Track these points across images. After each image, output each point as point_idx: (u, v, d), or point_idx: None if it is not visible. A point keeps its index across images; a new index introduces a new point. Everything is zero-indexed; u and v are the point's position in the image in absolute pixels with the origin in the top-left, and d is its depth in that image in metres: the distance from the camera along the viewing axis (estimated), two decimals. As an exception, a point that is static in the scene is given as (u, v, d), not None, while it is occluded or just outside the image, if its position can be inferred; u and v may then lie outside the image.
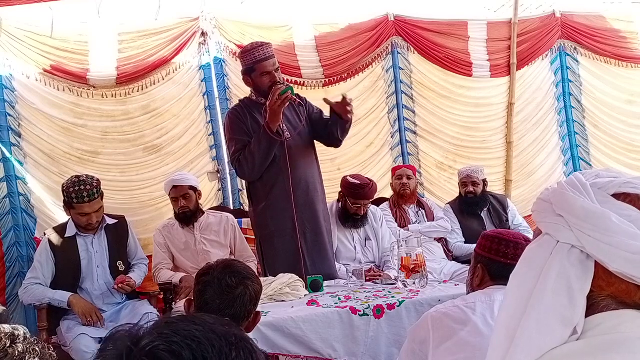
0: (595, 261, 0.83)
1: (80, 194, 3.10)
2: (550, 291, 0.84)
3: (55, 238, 3.26)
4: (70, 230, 3.27)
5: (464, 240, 4.28)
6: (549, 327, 0.82)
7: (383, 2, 5.05)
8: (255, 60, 3.18)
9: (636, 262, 0.79)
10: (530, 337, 0.83)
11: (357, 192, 3.60)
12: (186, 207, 3.61)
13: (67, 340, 3.02)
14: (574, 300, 0.82)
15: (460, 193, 4.41)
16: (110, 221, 3.38)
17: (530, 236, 1.12)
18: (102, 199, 3.24)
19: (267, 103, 3.05)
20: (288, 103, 3.08)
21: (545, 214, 0.91)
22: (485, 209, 4.35)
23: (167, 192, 3.69)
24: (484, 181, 4.38)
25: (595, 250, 0.82)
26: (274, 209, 3.18)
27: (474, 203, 4.31)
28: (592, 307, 0.84)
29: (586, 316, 0.83)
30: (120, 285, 3.18)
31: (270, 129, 3.06)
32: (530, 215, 4.70)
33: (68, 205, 3.20)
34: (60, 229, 3.31)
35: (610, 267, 0.82)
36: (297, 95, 3.24)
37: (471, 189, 4.30)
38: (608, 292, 0.84)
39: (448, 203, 4.51)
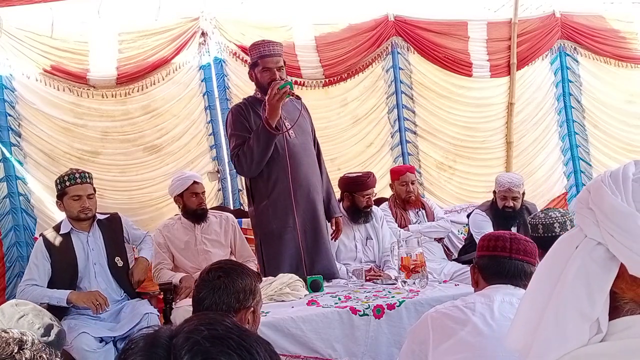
0: (622, 262, 0.79)
1: (72, 175, 3.21)
2: (569, 284, 0.81)
3: (50, 238, 3.23)
4: (65, 227, 3.24)
5: None
6: (565, 320, 0.80)
7: (383, 2, 5.05)
8: (259, 55, 3.21)
9: None
10: (547, 329, 0.81)
11: (363, 182, 3.67)
12: (204, 203, 3.73)
13: (68, 340, 3.01)
14: (592, 297, 0.79)
15: (495, 203, 4.07)
16: (101, 216, 3.37)
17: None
18: (94, 190, 3.29)
19: (266, 98, 3.07)
20: (287, 98, 3.09)
21: (581, 205, 0.85)
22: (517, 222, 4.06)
23: (181, 189, 3.66)
24: (523, 193, 4.06)
25: (616, 251, 0.78)
26: (276, 206, 3.17)
27: (510, 217, 4.00)
28: (616, 309, 0.80)
29: (610, 318, 0.80)
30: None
31: (269, 124, 3.07)
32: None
33: (61, 195, 3.21)
34: (55, 229, 3.29)
35: (629, 270, 0.78)
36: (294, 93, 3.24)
37: (511, 203, 3.97)
38: (629, 295, 0.80)
39: (479, 209, 4.17)
